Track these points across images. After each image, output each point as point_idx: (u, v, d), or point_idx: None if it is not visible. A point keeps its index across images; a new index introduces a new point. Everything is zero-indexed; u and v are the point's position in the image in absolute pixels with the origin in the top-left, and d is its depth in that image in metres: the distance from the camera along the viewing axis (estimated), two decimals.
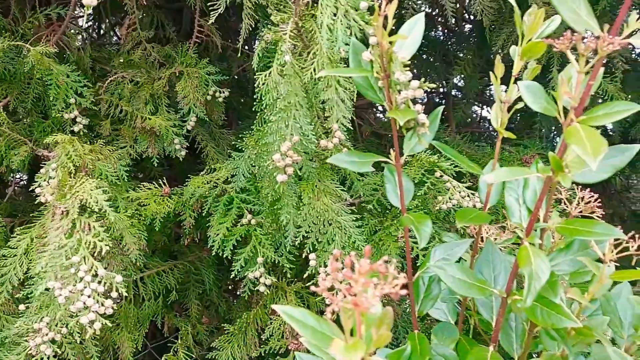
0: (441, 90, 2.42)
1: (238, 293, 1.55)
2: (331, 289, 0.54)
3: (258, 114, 1.06)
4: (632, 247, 0.69)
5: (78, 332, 0.99)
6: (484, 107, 2.84)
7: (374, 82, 0.73)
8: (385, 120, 2.46)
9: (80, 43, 1.63)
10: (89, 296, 0.92)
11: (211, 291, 1.46)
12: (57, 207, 0.95)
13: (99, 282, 0.94)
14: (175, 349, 1.23)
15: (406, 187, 0.80)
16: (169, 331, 1.43)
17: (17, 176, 1.74)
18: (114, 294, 0.94)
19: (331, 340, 0.58)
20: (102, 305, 0.93)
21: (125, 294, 0.96)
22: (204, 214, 1.26)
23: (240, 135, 1.22)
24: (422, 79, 0.66)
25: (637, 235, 0.69)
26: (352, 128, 1.00)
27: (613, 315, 0.82)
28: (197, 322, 1.38)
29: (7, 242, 1.13)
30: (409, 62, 0.68)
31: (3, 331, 1.08)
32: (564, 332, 0.77)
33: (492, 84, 0.78)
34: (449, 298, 0.91)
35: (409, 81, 0.66)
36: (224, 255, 1.09)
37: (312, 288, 0.50)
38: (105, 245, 0.93)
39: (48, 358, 1.00)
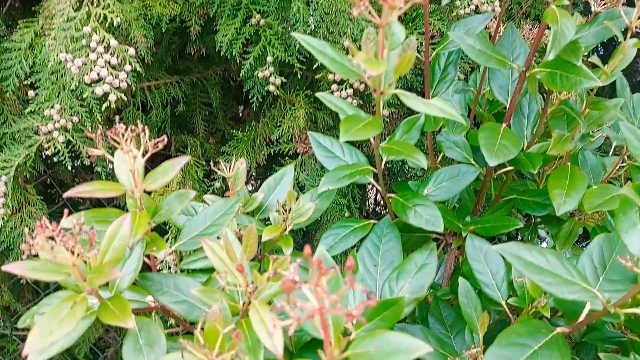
0: None
1: (242, 116, 1.55)
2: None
3: None
4: None
5: (89, 120, 0.99)
6: None
7: None
8: None
9: None
10: (102, 67, 0.90)
11: (217, 115, 1.45)
12: None
13: (112, 54, 0.92)
14: None
15: None
16: (175, 151, 1.45)
17: None
18: (128, 67, 0.93)
19: (349, 71, 0.57)
20: (116, 77, 0.92)
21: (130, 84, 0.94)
22: (209, 26, 1.21)
23: None
24: None
25: None
26: None
27: (626, 100, 0.81)
28: (205, 141, 1.39)
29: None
30: None
31: (12, 127, 1.09)
32: (578, 110, 0.77)
33: None
34: (462, 90, 0.90)
35: None
36: (232, 54, 1.06)
37: None
38: (116, 16, 0.89)
39: (60, 147, 1.01)
